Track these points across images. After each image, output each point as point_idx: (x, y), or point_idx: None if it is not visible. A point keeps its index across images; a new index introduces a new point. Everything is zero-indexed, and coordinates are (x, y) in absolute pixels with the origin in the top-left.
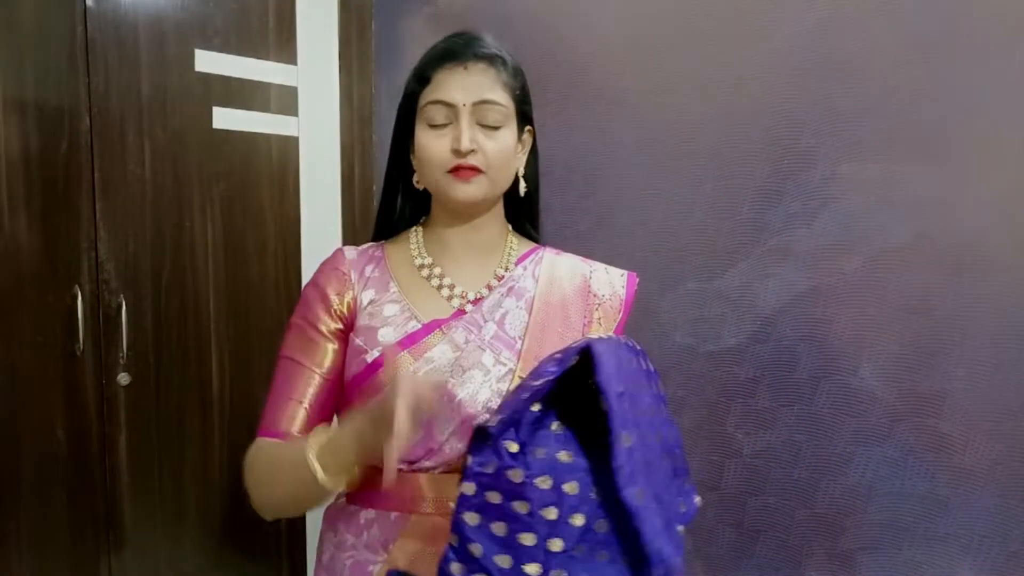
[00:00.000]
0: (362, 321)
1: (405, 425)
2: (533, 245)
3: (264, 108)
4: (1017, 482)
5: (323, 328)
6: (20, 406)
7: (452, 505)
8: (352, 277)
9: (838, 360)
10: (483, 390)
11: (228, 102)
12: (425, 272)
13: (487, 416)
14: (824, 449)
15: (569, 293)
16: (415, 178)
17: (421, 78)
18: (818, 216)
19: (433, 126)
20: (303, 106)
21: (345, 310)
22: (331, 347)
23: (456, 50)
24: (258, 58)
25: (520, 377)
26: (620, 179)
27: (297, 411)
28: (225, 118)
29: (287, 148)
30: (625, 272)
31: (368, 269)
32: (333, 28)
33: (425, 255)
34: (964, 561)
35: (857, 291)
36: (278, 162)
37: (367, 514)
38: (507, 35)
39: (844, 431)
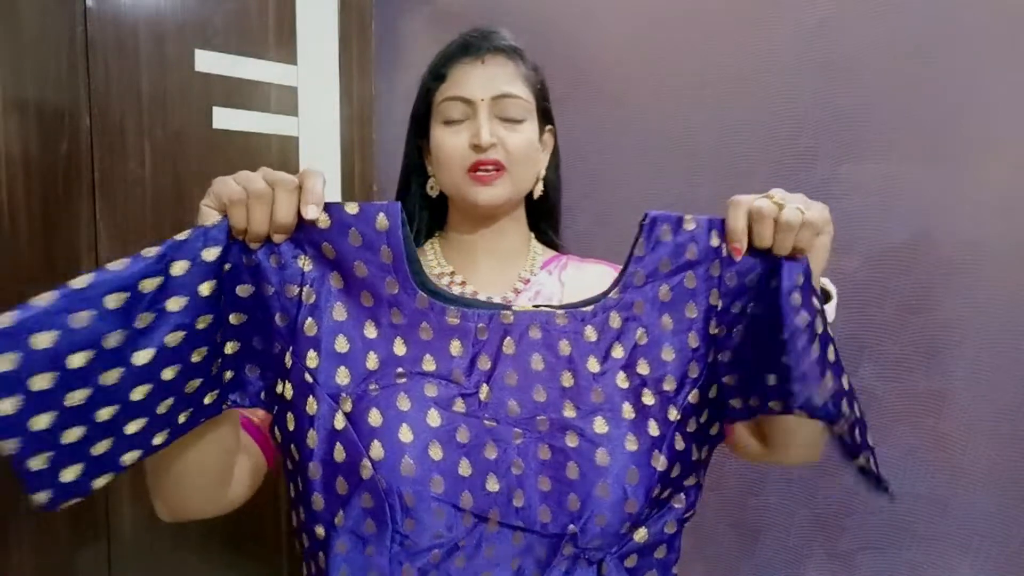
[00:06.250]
0: None
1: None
2: (555, 252)
3: (264, 108)
4: (1017, 482)
5: None
6: None
7: None
8: None
9: None
10: None
11: (228, 102)
12: (446, 280)
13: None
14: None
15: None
16: (429, 183)
17: (437, 75)
18: None
19: (449, 123)
20: (303, 106)
21: None
22: None
23: (473, 43)
24: (258, 58)
25: None
26: (620, 179)
27: None
28: (225, 118)
29: (287, 148)
30: None
31: None
32: (333, 28)
33: (445, 264)
34: (964, 561)
35: (857, 291)
36: (278, 162)
37: None
38: None
39: None
